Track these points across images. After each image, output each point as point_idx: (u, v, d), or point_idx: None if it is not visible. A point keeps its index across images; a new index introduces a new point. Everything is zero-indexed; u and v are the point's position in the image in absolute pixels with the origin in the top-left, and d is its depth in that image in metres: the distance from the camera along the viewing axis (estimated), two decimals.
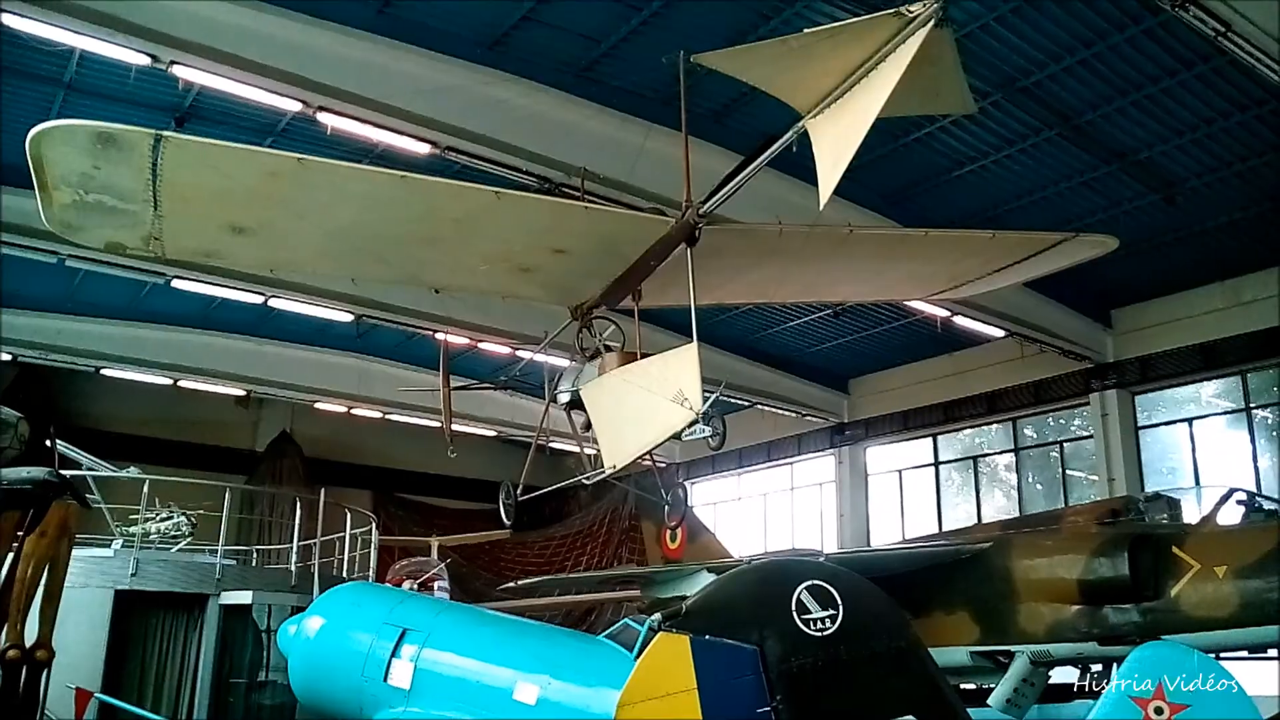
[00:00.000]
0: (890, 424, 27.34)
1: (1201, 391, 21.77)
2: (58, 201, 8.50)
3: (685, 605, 3.45)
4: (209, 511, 17.03)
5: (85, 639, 13.17)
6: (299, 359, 25.94)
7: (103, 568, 14.00)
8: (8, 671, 10.56)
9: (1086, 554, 12.09)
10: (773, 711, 3.20)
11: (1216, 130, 15.65)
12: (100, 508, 16.07)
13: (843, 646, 3.30)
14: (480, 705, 9.51)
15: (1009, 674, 12.46)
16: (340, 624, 11.09)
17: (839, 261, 11.39)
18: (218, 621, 14.44)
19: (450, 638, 10.41)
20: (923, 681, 3.46)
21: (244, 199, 8.92)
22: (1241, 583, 11.00)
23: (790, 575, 3.45)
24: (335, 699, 10.71)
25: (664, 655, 3.32)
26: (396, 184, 8.88)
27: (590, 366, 11.28)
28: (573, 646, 10.65)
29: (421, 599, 13.65)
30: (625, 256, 10.14)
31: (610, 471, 10.65)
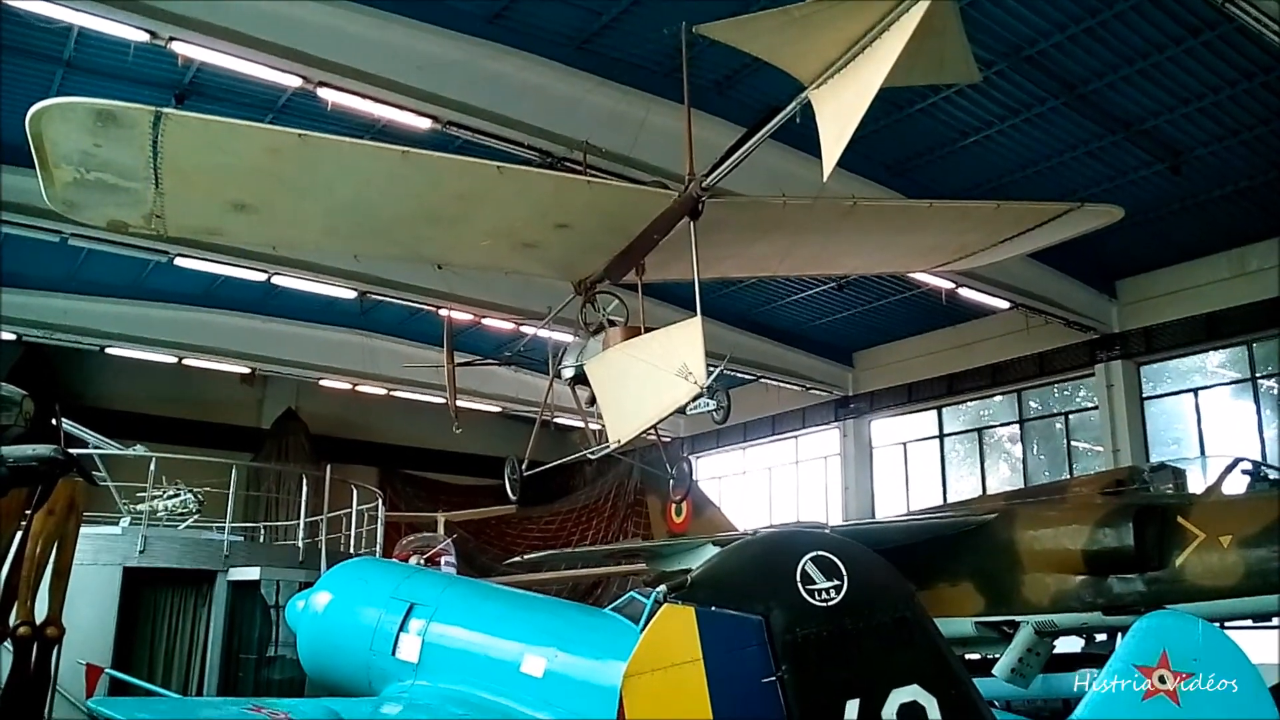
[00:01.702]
0: (895, 397, 27.33)
1: (1207, 361, 21.71)
2: (59, 180, 8.48)
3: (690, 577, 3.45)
4: (216, 489, 17.11)
5: (95, 616, 13.27)
6: (303, 336, 25.93)
7: (111, 545, 14.09)
8: (19, 648, 10.65)
9: (1091, 524, 12.11)
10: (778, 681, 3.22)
11: (1223, 98, 15.52)
12: (107, 486, 16.15)
13: (847, 617, 3.30)
14: (488, 678, 9.59)
15: (1014, 644, 12.51)
16: (348, 599, 11.17)
17: (843, 234, 11.34)
18: (226, 597, 14.54)
19: (457, 612, 10.49)
20: (928, 651, 3.47)
21: (245, 176, 8.90)
22: (1246, 552, 11.02)
23: (795, 546, 3.45)
24: (343, 673, 10.81)
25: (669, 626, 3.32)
26: (398, 160, 8.85)
27: (594, 341, 11.28)
28: (579, 619, 10.73)
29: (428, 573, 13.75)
30: (628, 231, 10.11)
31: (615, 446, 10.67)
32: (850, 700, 3.31)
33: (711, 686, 3.35)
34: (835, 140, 7.37)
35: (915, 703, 3.37)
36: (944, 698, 3.41)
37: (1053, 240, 12.00)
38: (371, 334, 26.32)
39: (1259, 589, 10.88)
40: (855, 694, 3.31)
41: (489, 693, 9.41)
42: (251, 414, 31.86)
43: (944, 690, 3.44)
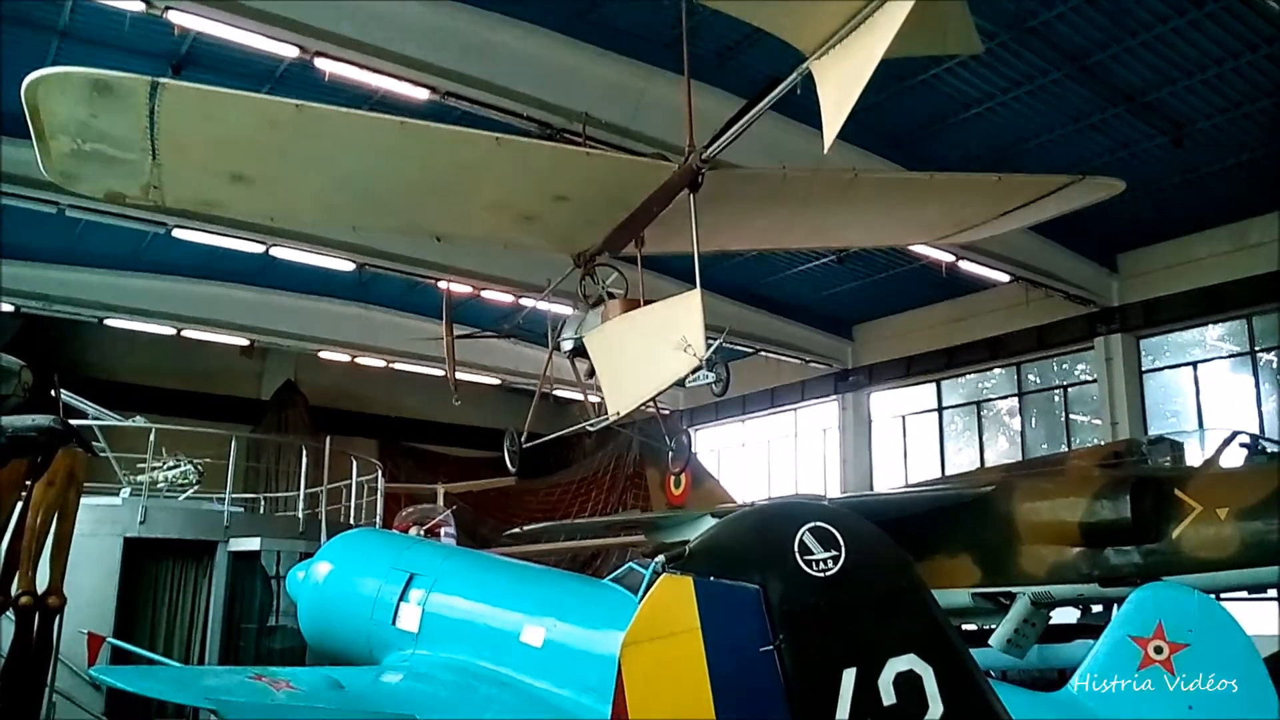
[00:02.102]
0: (894, 370, 27.36)
1: (1206, 335, 21.73)
2: (55, 151, 8.44)
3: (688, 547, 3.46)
4: (216, 460, 17.16)
5: (96, 586, 13.37)
6: (302, 308, 25.92)
7: (111, 516, 14.16)
8: (21, 618, 10.71)
9: (1089, 496, 12.15)
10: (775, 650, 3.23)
11: (1226, 70, 15.43)
12: (107, 457, 16.19)
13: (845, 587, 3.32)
14: (487, 647, 9.66)
15: (1010, 615, 12.58)
16: (348, 569, 11.23)
17: (843, 206, 11.30)
18: (227, 568, 14.63)
19: (457, 582, 10.55)
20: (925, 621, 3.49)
21: (242, 147, 8.85)
22: (1243, 524, 11.06)
23: (792, 517, 3.46)
24: (344, 642, 10.88)
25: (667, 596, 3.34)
26: (395, 130, 8.80)
27: (593, 314, 11.26)
28: (578, 590, 10.80)
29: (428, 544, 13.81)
30: (627, 203, 10.06)
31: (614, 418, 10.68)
32: (847, 669, 3.33)
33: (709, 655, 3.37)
34: (836, 112, 7.33)
35: (912, 672, 3.39)
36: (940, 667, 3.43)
37: (1054, 213, 11.95)
38: (370, 306, 26.30)
39: (1255, 561, 10.93)
40: (852, 663, 3.33)
41: (489, 662, 9.48)
42: (251, 386, 31.89)
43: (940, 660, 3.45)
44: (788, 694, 3.31)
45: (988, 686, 3.61)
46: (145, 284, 23.80)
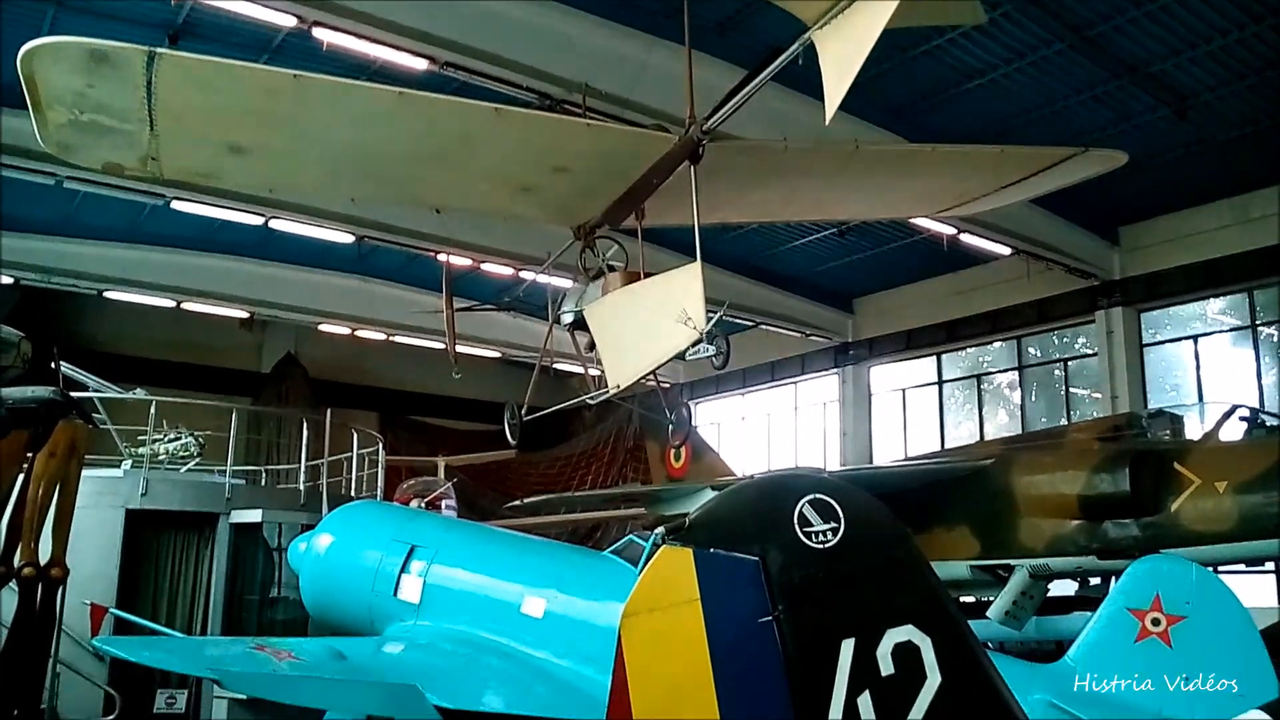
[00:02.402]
0: (894, 343, 27.35)
1: (1207, 309, 21.71)
2: (53, 121, 8.40)
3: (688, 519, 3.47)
4: (216, 432, 17.19)
5: (98, 557, 13.43)
6: (302, 281, 25.87)
7: (113, 488, 14.20)
8: (24, 589, 10.77)
9: (1088, 469, 12.17)
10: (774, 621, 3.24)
11: (1231, 42, 15.31)
12: (108, 429, 16.22)
13: (844, 558, 3.32)
14: (489, 618, 9.72)
15: (1008, 587, 12.64)
16: (350, 541, 11.29)
17: (845, 178, 11.25)
18: (229, 540, 14.69)
19: (458, 554, 10.60)
20: (923, 592, 3.50)
21: (240, 117, 8.81)
22: (1241, 498, 11.10)
23: (792, 489, 3.46)
24: (346, 613, 10.95)
25: (667, 567, 3.35)
26: (394, 101, 8.75)
27: (594, 287, 11.25)
28: (578, 562, 10.86)
29: (429, 516, 13.89)
30: (627, 174, 10.03)
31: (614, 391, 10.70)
32: (846, 640, 3.34)
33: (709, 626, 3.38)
34: (838, 83, 7.28)
35: (910, 642, 3.40)
36: (938, 638, 3.44)
37: (1056, 185, 11.91)
38: (370, 279, 26.26)
39: (1254, 534, 10.98)
40: (850, 634, 3.34)
41: (490, 633, 9.55)
42: (251, 358, 31.89)
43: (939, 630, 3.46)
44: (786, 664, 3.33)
45: (986, 657, 3.62)
46: (144, 256, 23.75)
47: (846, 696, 3.31)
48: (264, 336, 31.68)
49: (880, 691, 3.33)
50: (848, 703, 3.30)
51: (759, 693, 3.34)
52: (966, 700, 3.44)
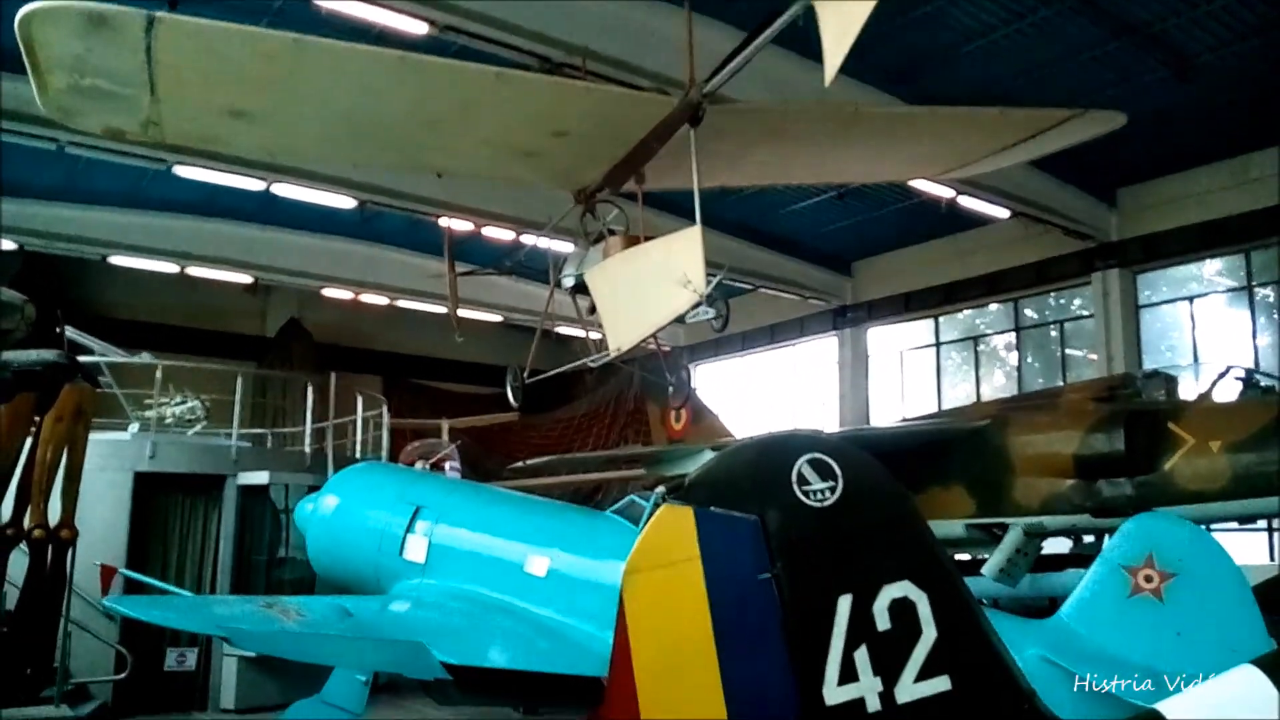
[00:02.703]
0: (892, 306, 27.38)
1: (1203, 270, 21.71)
2: (52, 86, 8.40)
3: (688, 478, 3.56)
4: (222, 396, 17.30)
5: (107, 519, 13.59)
6: (305, 245, 25.82)
7: (120, 451, 14.32)
8: (35, 550, 10.94)
9: (1083, 429, 12.26)
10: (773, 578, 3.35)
11: (1232, 2, 15.17)
12: (115, 393, 16.33)
13: (842, 516, 3.42)
14: (493, 577, 9.88)
15: (1002, 545, 12.77)
16: (355, 502, 11.42)
17: (844, 141, 11.27)
18: (236, 501, 14.84)
19: (463, 514, 10.75)
20: (919, 549, 3.60)
21: (240, 82, 8.81)
22: (1235, 456, 11.19)
23: (790, 448, 3.55)
24: (353, 573, 11.11)
25: (667, 526, 3.44)
26: (394, 64, 8.76)
27: (594, 250, 11.30)
28: (581, 522, 11.01)
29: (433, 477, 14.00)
30: (628, 138, 10.05)
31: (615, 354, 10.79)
32: (843, 596, 3.44)
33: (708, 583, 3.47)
34: (837, 45, 7.28)
35: (906, 598, 3.50)
36: (934, 593, 3.54)
37: (1055, 147, 11.91)
38: (373, 243, 26.19)
39: (1247, 492, 11.07)
40: (847, 590, 3.44)
41: (494, 591, 9.71)
42: (255, 323, 31.90)
43: (934, 586, 3.57)
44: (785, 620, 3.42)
45: (981, 612, 3.72)
46: (147, 221, 23.68)
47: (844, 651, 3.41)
48: (268, 301, 31.68)
49: (877, 646, 3.43)
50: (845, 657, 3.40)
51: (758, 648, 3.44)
52: (962, 654, 3.54)
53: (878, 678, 3.39)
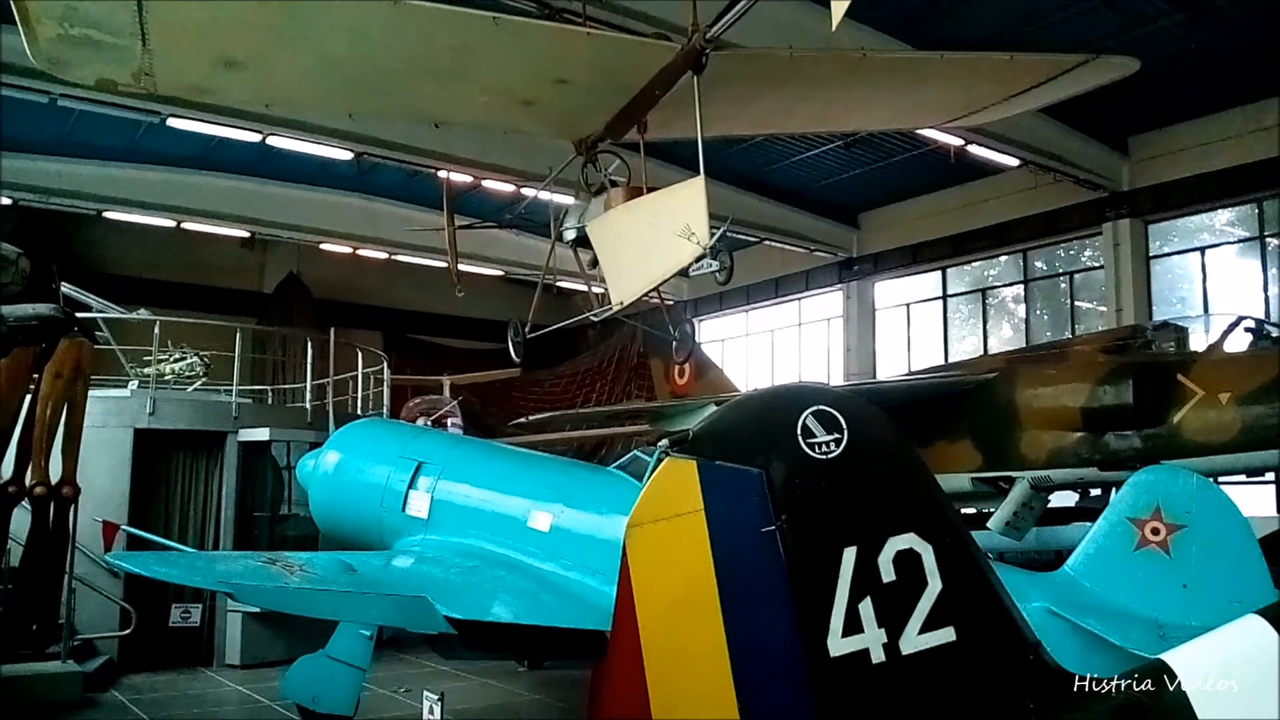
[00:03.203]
0: (899, 258, 27.18)
1: (1215, 220, 21.47)
2: (42, 36, 8.25)
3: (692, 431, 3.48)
4: (221, 352, 17.23)
5: (108, 476, 13.57)
6: (302, 200, 25.65)
7: (120, 408, 14.28)
8: (37, 507, 10.93)
9: (1091, 382, 12.19)
10: (777, 531, 3.27)
11: None
12: (113, 350, 16.27)
13: (847, 468, 3.34)
14: (497, 532, 9.86)
15: (1009, 498, 12.76)
16: (357, 458, 11.39)
17: (851, 88, 11.06)
18: (237, 458, 14.82)
19: (465, 470, 10.70)
20: (925, 501, 3.53)
21: (232, 30, 8.65)
22: (1244, 408, 11.11)
23: (795, 400, 3.46)
24: (356, 529, 11.10)
25: (671, 478, 3.37)
26: (389, 10, 8.55)
27: (596, 202, 11.16)
28: (584, 477, 10.97)
29: (435, 433, 13.98)
30: (629, 86, 9.86)
31: (618, 309, 10.68)
32: (848, 548, 3.38)
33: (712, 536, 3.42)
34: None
35: (911, 550, 3.44)
36: (939, 545, 3.48)
37: (1066, 94, 11.70)
38: (371, 197, 26.03)
39: (1256, 444, 11.01)
40: (852, 542, 3.37)
41: (498, 546, 9.69)
42: (253, 279, 31.81)
43: (940, 538, 3.50)
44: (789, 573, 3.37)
45: (986, 564, 3.66)
46: (142, 175, 23.51)
47: (848, 603, 3.36)
48: (266, 256, 31.55)
49: (881, 597, 3.38)
50: (849, 609, 3.36)
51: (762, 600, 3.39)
52: (966, 605, 3.49)
53: (882, 629, 3.37)
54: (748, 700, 3.30)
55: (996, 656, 3.52)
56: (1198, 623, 6.91)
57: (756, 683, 3.32)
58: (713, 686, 3.32)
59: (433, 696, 6.34)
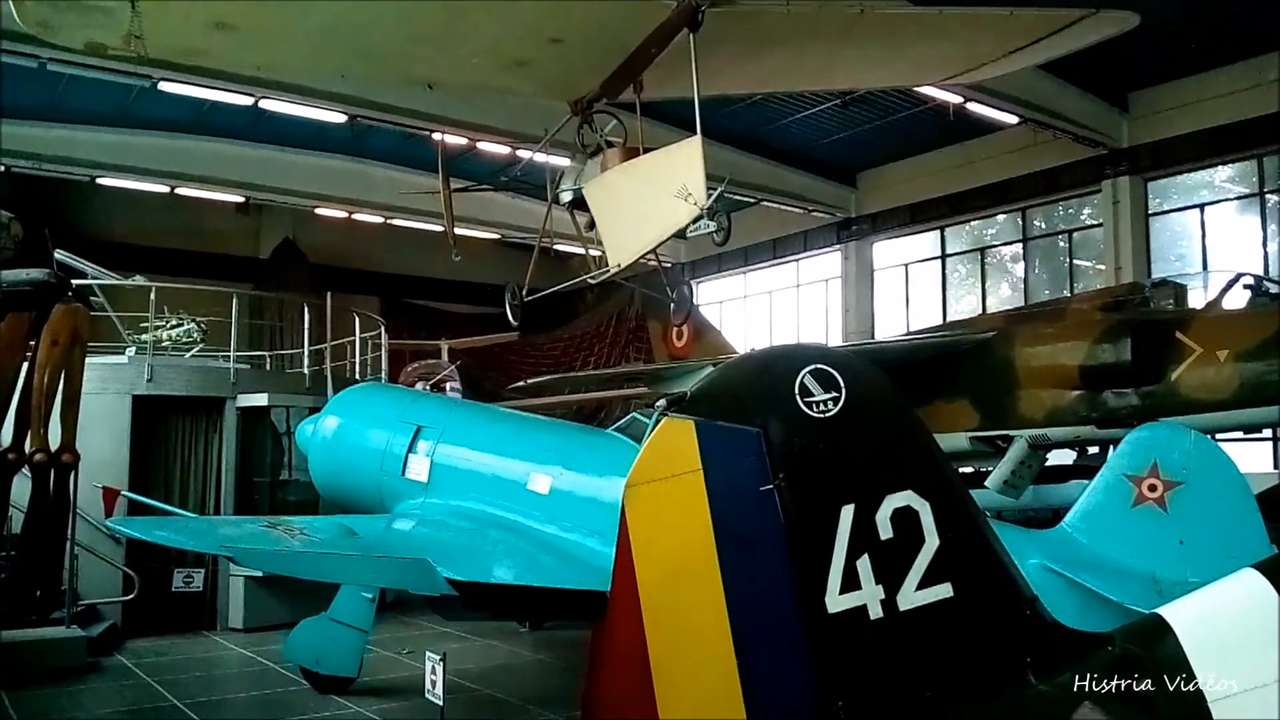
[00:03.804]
0: (897, 218, 27.04)
1: (1215, 176, 21.35)
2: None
3: (690, 391, 3.47)
4: (218, 318, 17.18)
5: (107, 443, 13.58)
6: (297, 164, 25.45)
7: (118, 374, 14.27)
8: (37, 474, 10.94)
9: (1089, 340, 12.18)
10: (775, 489, 3.27)
11: None
12: (109, 316, 16.22)
13: (844, 427, 3.34)
14: (496, 495, 9.89)
15: (1007, 457, 12.81)
16: (357, 422, 11.41)
17: (849, 45, 10.93)
18: (236, 423, 14.83)
19: (464, 433, 10.73)
20: (923, 459, 3.53)
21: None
22: (1242, 365, 11.11)
23: (793, 359, 3.45)
24: (356, 493, 11.14)
25: (670, 438, 3.37)
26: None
27: (592, 164, 11.09)
28: (583, 439, 11.00)
29: (434, 397, 13.99)
30: (624, 45, 9.75)
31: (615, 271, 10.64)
32: (845, 506, 3.39)
33: (711, 495, 3.43)
34: None
35: (909, 507, 3.45)
36: (937, 503, 3.48)
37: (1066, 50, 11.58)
38: (365, 160, 25.82)
39: (1254, 401, 11.02)
40: (850, 500, 3.38)
41: (498, 509, 9.73)
42: (249, 244, 31.63)
43: (937, 496, 3.51)
44: (787, 531, 3.38)
45: (984, 521, 3.68)
46: (135, 141, 23.29)
47: (846, 560, 3.38)
48: (261, 221, 31.34)
49: (879, 555, 3.40)
50: (847, 566, 3.37)
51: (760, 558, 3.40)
52: (963, 561, 3.50)
53: (879, 586, 3.39)
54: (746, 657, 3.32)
55: (993, 612, 3.55)
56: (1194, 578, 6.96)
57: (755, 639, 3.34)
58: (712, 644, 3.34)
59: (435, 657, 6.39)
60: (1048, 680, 3.41)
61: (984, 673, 3.46)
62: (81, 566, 12.69)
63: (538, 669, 12.13)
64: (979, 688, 3.42)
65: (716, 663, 3.32)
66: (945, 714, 3.36)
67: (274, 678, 11.45)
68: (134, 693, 10.75)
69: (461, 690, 10.32)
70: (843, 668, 3.35)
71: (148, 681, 11.18)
